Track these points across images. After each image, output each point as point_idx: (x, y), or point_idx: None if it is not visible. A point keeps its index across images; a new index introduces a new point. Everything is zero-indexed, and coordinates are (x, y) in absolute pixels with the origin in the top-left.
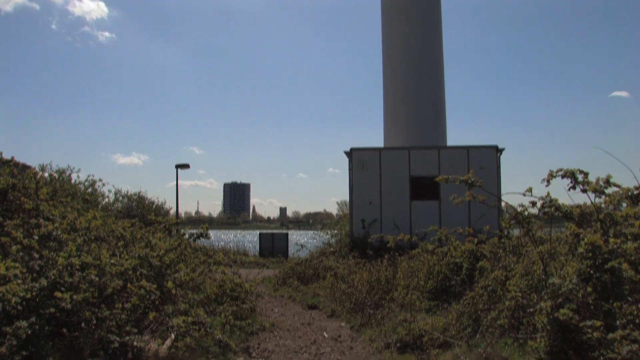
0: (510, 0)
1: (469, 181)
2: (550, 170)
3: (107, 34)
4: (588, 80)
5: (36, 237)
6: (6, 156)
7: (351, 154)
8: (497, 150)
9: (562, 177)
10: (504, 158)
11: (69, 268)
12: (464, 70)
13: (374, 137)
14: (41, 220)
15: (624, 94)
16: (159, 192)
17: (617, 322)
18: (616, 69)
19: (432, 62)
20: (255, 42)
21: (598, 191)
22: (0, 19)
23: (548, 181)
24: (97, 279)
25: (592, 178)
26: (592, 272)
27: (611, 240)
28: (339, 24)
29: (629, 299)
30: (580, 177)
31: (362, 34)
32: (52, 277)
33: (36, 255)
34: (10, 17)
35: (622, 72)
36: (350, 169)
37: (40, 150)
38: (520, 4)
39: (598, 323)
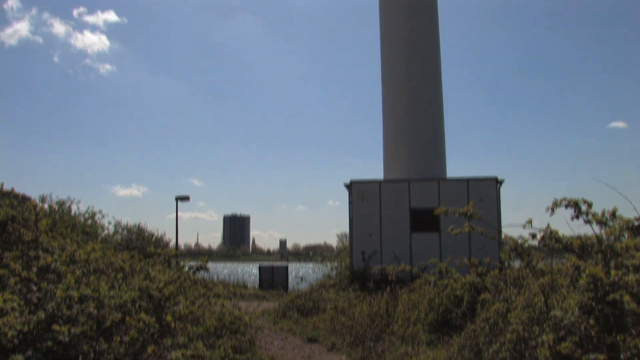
0: (508, 33)
1: (469, 213)
2: (554, 199)
3: (108, 66)
4: (586, 111)
5: (35, 269)
6: (6, 187)
7: (351, 186)
8: (497, 182)
9: (566, 206)
10: (503, 189)
11: (67, 300)
12: (463, 101)
13: (373, 169)
14: (40, 252)
15: (621, 124)
16: (159, 223)
17: (621, 355)
18: (614, 99)
19: (431, 95)
20: (255, 75)
21: (603, 223)
22: (4, 52)
23: (552, 210)
24: (95, 311)
25: (593, 209)
26: (594, 304)
27: (612, 272)
28: (338, 57)
29: (632, 331)
30: (584, 208)
31: (362, 67)
32: (50, 310)
33: (34, 288)
34: (14, 50)
35: (620, 102)
36: (350, 202)
37: (41, 182)
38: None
39: (602, 356)
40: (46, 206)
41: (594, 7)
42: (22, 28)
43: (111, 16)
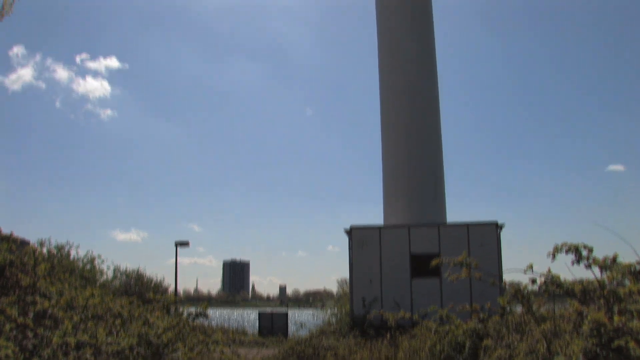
0: (506, 77)
1: (465, 262)
2: (555, 244)
3: (109, 111)
4: (584, 154)
5: (31, 315)
6: (6, 231)
7: (351, 232)
8: (497, 227)
9: (566, 252)
10: (504, 233)
11: (63, 347)
12: (462, 144)
13: (373, 214)
14: (37, 297)
15: (619, 167)
16: (158, 269)
17: None
18: (611, 142)
19: (430, 140)
20: (255, 120)
21: (604, 267)
22: (8, 98)
23: (553, 256)
24: (92, 358)
25: (594, 253)
26: (598, 350)
27: (616, 318)
28: (338, 103)
29: None
30: (584, 253)
31: (361, 110)
32: (46, 357)
33: (30, 334)
34: (17, 95)
35: (617, 144)
36: (350, 247)
37: (40, 225)
38: (516, 82)
39: None
40: (45, 250)
41: (591, 48)
42: (26, 74)
43: (113, 62)
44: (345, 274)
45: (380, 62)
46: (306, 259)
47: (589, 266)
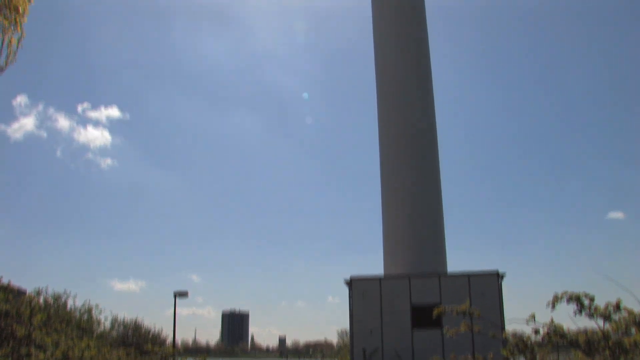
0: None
1: (467, 312)
2: (554, 293)
3: (109, 161)
4: (583, 202)
5: None
6: (3, 280)
7: (351, 283)
8: (498, 276)
9: (567, 301)
10: (505, 282)
11: None
12: (461, 192)
13: (373, 264)
14: (32, 349)
15: (619, 215)
16: (156, 319)
17: None
18: (611, 189)
19: (430, 188)
20: (254, 170)
21: (606, 317)
22: (9, 147)
23: (553, 305)
24: None
25: (596, 302)
26: None
27: None
28: (337, 153)
29: None
30: (586, 302)
31: (360, 160)
32: None
33: None
34: (19, 144)
35: (617, 192)
36: (351, 297)
37: (38, 274)
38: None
39: None
40: (41, 300)
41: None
42: (28, 123)
43: (114, 112)
44: (346, 325)
45: (379, 111)
46: (306, 310)
47: (591, 315)
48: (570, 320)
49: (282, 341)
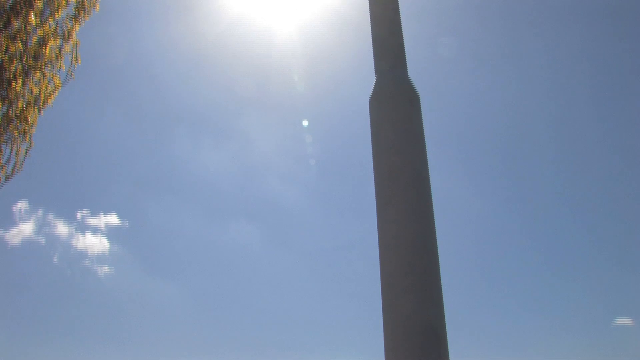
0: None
1: None
2: None
3: (106, 268)
4: (590, 308)
5: None
6: None
7: None
8: None
9: None
10: None
11: None
12: (463, 299)
13: None
14: None
15: (628, 321)
16: None
17: None
18: (618, 295)
19: (432, 294)
20: (252, 281)
21: None
22: (6, 253)
23: None
24: None
25: None
26: None
27: None
28: (336, 260)
29: None
30: None
31: (358, 265)
32: None
33: None
34: (16, 250)
35: (624, 298)
36: None
37: None
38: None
39: None
40: None
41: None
42: (26, 228)
43: (113, 219)
44: None
45: (379, 221)
46: None
47: None
48: None
49: None
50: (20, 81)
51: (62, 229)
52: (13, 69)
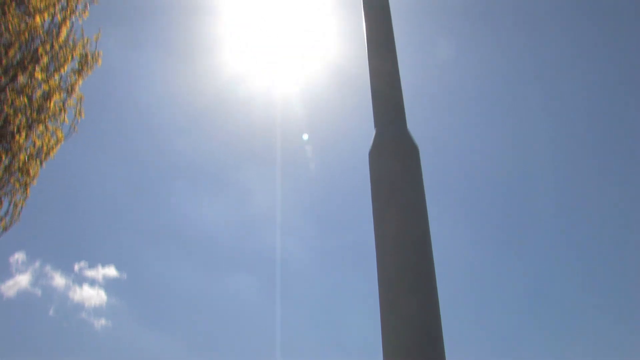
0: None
1: None
2: None
3: (103, 321)
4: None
5: None
6: None
7: None
8: None
9: None
10: None
11: None
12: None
13: None
14: None
15: None
16: None
17: None
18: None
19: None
20: (251, 333)
21: None
22: (2, 305)
23: None
24: None
25: None
26: None
27: None
28: (332, 307)
29: None
30: None
31: (356, 312)
32: None
33: None
34: (11, 302)
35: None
36: None
37: None
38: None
39: None
40: None
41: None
42: (23, 280)
43: (111, 271)
44: None
45: (379, 268)
46: None
47: None
48: None
49: None
50: (23, 134)
51: (59, 280)
52: (17, 122)
